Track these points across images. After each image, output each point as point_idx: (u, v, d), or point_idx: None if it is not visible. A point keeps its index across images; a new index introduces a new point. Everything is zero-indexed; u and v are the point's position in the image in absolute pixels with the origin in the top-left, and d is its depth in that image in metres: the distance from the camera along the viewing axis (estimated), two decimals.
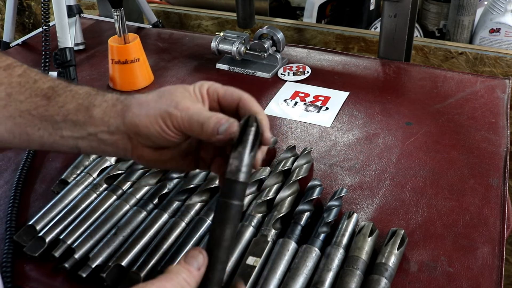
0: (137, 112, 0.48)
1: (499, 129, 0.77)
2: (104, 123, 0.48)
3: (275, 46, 0.99)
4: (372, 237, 0.56)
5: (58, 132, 0.49)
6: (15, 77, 0.49)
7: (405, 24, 0.94)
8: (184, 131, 0.47)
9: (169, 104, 0.47)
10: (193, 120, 0.46)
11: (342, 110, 0.85)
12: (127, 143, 0.49)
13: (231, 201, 0.44)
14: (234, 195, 0.44)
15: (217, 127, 0.45)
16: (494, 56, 1.09)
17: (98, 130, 0.49)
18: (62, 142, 0.49)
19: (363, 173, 0.69)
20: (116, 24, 0.91)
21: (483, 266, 0.55)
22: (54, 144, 0.50)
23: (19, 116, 0.48)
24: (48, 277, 0.56)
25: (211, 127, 0.45)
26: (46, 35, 0.89)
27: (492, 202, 0.63)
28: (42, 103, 0.49)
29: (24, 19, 1.66)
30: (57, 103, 0.49)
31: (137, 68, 0.94)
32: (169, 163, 0.51)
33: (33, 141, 0.49)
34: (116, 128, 0.48)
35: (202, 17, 1.39)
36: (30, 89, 0.49)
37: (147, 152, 0.49)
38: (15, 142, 0.50)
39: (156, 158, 0.50)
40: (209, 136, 0.46)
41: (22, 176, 0.70)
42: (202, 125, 0.46)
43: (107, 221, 0.60)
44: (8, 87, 0.49)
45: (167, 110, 0.47)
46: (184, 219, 0.60)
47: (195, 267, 0.42)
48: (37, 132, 0.49)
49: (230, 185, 0.44)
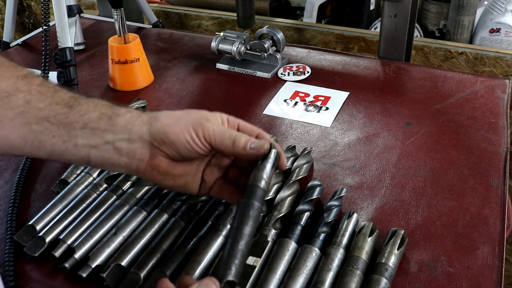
0: (167, 122, 0.51)
1: (499, 129, 0.77)
2: (126, 130, 0.50)
3: (275, 46, 0.99)
4: (372, 237, 0.56)
5: (73, 140, 0.49)
6: (34, 85, 0.50)
7: (405, 24, 0.94)
8: (213, 144, 0.51)
9: (200, 117, 0.51)
10: (225, 135, 0.51)
11: (342, 110, 0.85)
12: (146, 153, 0.51)
13: (252, 201, 0.49)
14: (255, 197, 0.49)
15: (249, 143, 0.51)
16: (494, 56, 1.09)
17: (117, 137, 0.50)
18: (74, 151, 0.50)
19: (363, 173, 0.69)
20: (116, 24, 0.91)
21: (483, 266, 0.55)
22: (65, 152, 0.50)
23: (35, 123, 0.49)
24: (48, 277, 0.56)
25: (243, 142, 0.51)
26: (46, 35, 0.89)
27: (492, 202, 0.63)
28: (63, 111, 0.49)
29: (24, 19, 1.66)
30: (79, 111, 0.50)
31: (137, 68, 0.94)
32: (178, 179, 0.53)
33: (44, 149, 0.50)
34: (139, 136, 0.50)
35: (202, 17, 1.39)
36: (50, 98, 0.50)
37: (164, 163, 0.51)
38: (25, 149, 0.50)
39: (169, 171, 0.52)
40: (241, 150, 0.51)
41: (22, 176, 0.70)
42: (234, 140, 0.51)
43: (107, 221, 0.60)
44: (27, 94, 0.49)
45: (200, 121, 0.51)
46: (184, 219, 0.60)
47: None
48: (51, 140, 0.49)
49: (252, 189, 0.50)
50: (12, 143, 0.49)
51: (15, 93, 0.48)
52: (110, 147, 0.50)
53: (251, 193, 0.49)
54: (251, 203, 0.48)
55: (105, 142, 0.50)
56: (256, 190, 0.49)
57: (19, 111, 0.48)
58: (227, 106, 0.88)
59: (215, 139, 0.51)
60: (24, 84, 0.49)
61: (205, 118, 0.51)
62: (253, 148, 0.51)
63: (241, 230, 0.46)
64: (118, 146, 0.50)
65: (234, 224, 0.47)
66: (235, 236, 0.46)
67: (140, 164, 0.51)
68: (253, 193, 0.49)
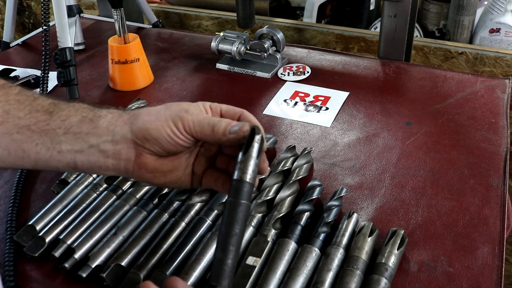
0: (147, 118, 0.50)
1: (499, 129, 0.77)
2: (109, 132, 0.49)
3: (275, 46, 0.99)
4: (372, 237, 0.56)
5: (57, 147, 0.49)
6: (12, 95, 0.49)
7: (405, 24, 0.94)
8: (194, 133, 0.50)
9: (179, 110, 0.50)
10: (204, 123, 0.50)
11: (342, 110, 0.85)
12: (131, 152, 0.50)
13: (239, 200, 0.46)
14: (241, 194, 0.47)
15: (228, 128, 0.49)
16: (494, 56, 1.09)
17: (101, 140, 0.49)
18: (59, 157, 0.49)
19: (363, 173, 0.69)
20: (116, 24, 0.91)
21: (483, 266, 0.55)
22: (50, 160, 0.49)
23: (16, 133, 0.48)
24: (48, 277, 0.56)
25: (223, 128, 0.49)
26: (46, 35, 0.89)
27: (492, 202, 0.63)
28: (43, 118, 0.49)
29: (24, 19, 1.66)
30: (60, 117, 0.49)
31: (137, 68, 0.94)
32: (169, 175, 0.53)
33: (28, 158, 0.49)
34: (122, 137, 0.50)
35: (202, 17, 1.39)
36: (29, 106, 0.49)
37: (151, 160, 0.51)
38: (8, 160, 0.49)
39: (158, 168, 0.51)
40: (220, 136, 0.49)
41: (22, 176, 0.70)
42: (213, 126, 0.50)
43: (107, 221, 0.60)
44: (6, 104, 0.49)
45: (178, 114, 0.50)
46: (184, 219, 0.60)
47: None
48: (34, 148, 0.49)
49: (237, 185, 0.47)
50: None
51: None
52: (95, 150, 0.49)
53: (236, 191, 0.47)
54: (237, 202, 0.46)
55: (89, 146, 0.49)
56: (241, 186, 0.47)
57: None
58: None
59: (195, 129, 0.50)
60: (1, 95, 0.49)
61: (184, 110, 0.50)
62: (233, 132, 0.49)
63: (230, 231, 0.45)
64: (103, 149, 0.49)
65: (222, 226, 0.45)
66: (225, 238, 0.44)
67: (127, 164, 0.51)
68: (238, 190, 0.47)
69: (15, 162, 0.50)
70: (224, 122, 0.50)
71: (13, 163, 0.50)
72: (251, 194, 0.48)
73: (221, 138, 0.50)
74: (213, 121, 0.50)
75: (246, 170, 0.47)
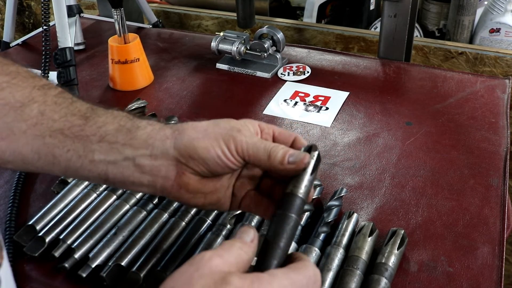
0: (194, 135, 0.46)
1: (499, 129, 0.77)
2: (147, 145, 0.46)
3: (275, 46, 0.99)
4: (372, 237, 0.56)
5: (89, 155, 0.46)
6: (50, 96, 0.47)
7: (405, 24, 0.94)
8: (247, 157, 0.46)
9: (231, 128, 0.46)
10: (259, 147, 0.45)
11: (342, 110, 0.85)
12: (172, 170, 0.46)
13: (289, 213, 0.43)
14: (291, 208, 0.43)
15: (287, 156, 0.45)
16: (494, 56, 1.09)
17: (138, 153, 0.46)
18: (91, 167, 0.46)
19: (363, 173, 0.69)
20: (116, 24, 0.91)
21: (483, 266, 0.55)
22: (81, 169, 0.46)
23: (49, 136, 0.45)
24: (48, 277, 0.56)
25: (280, 156, 0.45)
26: (46, 35, 0.89)
27: (492, 202, 0.63)
28: (78, 123, 0.46)
29: (24, 19, 1.66)
30: (96, 123, 0.46)
31: (137, 68, 0.94)
32: (209, 196, 0.49)
33: (59, 164, 0.46)
34: (162, 152, 0.46)
35: (202, 17, 1.39)
36: (66, 109, 0.47)
37: (193, 180, 0.47)
38: (39, 164, 0.47)
39: (200, 189, 0.47)
40: (277, 164, 0.45)
41: (22, 176, 0.70)
42: (270, 153, 0.45)
43: (107, 221, 0.60)
44: (42, 105, 0.46)
45: (231, 133, 0.45)
46: (184, 219, 0.60)
47: (247, 239, 0.39)
48: (65, 154, 0.46)
49: (289, 199, 0.44)
50: (25, 157, 0.46)
51: (29, 104, 0.46)
52: (130, 164, 0.46)
53: (287, 203, 0.43)
54: (286, 215, 0.43)
55: (124, 158, 0.46)
56: (293, 200, 0.43)
57: (32, 122, 0.45)
58: (227, 106, 0.88)
59: (249, 152, 0.45)
60: (40, 95, 0.46)
61: (236, 129, 0.46)
62: (291, 163, 0.45)
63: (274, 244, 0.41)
64: (139, 163, 0.46)
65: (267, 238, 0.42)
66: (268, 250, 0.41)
67: (165, 183, 0.46)
68: (290, 203, 0.43)
69: (44, 167, 0.47)
70: (282, 150, 0.45)
71: (43, 167, 0.47)
72: (301, 210, 0.44)
73: (277, 166, 0.45)
74: (269, 146, 0.45)
75: (299, 185, 0.44)
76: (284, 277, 0.37)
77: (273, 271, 0.37)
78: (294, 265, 0.39)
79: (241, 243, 0.39)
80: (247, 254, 0.38)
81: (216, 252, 0.37)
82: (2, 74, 0.46)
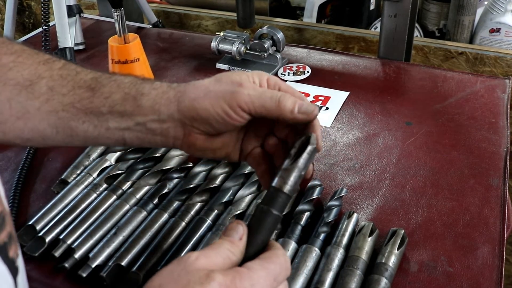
0: (195, 96, 0.46)
1: (499, 129, 0.77)
2: (154, 111, 0.47)
3: (275, 46, 0.99)
4: (372, 237, 0.56)
5: (104, 124, 0.47)
6: (55, 70, 0.48)
7: (405, 24, 0.94)
8: (253, 110, 0.45)
9: (231, 85, 0.45)
10: (265, 97, 0.45)
11: (342, 110, 0.85)
12: (179, 131, 0.48)
13: (271, 209, 0.42)
14: (275, 204, 0.43)
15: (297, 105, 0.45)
16: (494, 56, 1.09)
17: (147, 119, 0.47)
18: (108, 134, 0.48)
19: (363, 173, 0.69)
20: (116, 24, 0.91)
21: (483, 266, 0.55)
22: (100, 137, 0.48)
23: (62, 110, 0.47)
24: (48, 277, 0.56)
25: (290, 104, 0.44)
26: (46, 35, 0.89)
27: (492, 202, 0.63)
28: (86, 95, 0.47)
29: (24, 19, 1.66)
30: (102, 94, 0.47)
31: (137, 68, 0.94)
32: (218, 152, 0.50)
33: (77, 136, 0.48)
34: (168, 116, 0.47)
35: (202, 17, 1.39)
36: (72, 81, 0.48)
37: (200, 140, 0.48)
38: (58, 138, 0.48)
39: (208, 146, 0.49)
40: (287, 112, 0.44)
41: (22, 176, 0.70)
42: (279, 100, 0.45)
43: (107, 221, 0.60)
44: (50, 81, 0.47)
45: (232, 90, 0.45)
46: (184, 219, 0.60)
47: (236, 237, 0.40)
48: (82, 126, 0.47)
49: (274, 194, 0.43)
50: (44, 133, 0.47)
51: (37, 81, 0.47)
52: (143, 128, 0.47)
53: (271, 199, 0.43)
54: (268, 212, 0.42)
55: (136, 124, 0.47)
56: (277, 196, 0.43)
57: (44, 99, 0.47)
58: None
59: (254, 105, 0.45)
60: (46, 70, 0.48)
61: (238, 84, 0.45)
62: (302, 112, 0.44)
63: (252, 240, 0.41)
64: (150, 127, 0.47)
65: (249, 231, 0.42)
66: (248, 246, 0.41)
67: (176, 142, 0.49)
68: (273, 200, 0.43)
69: (64, 140, 0.48)
70: (290, 98, 0.45)
71: (63, 141, 0.48)
72: (285, 207, 0.44)
73: (286, 115, 0.45)
74: (277, 95, 0.45)
75: (288, 181, 0.43)
76: (260, 268, 0.38)
77: (250, 265, 0.39)
78: (268, 254, 0.40)
79: (229, 244, 0.40)
80: (235, 256, 0.39)
81: (204, 253, 0.38)
82: (8, 54, 0.47)
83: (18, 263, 0.38)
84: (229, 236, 0.40)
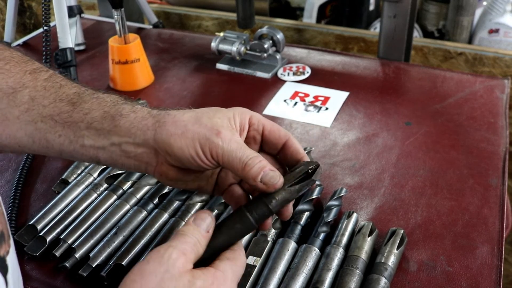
0: (172, 131, 0.46)
1: (498, 129, 0.77)
2: (130, 134, 0.47)
3: (275, 46, 0.99)
4: (372, 236, 0.56)
5: (79, 141, 0.48)
6: (40, 81, 0.49)
7: (404, 25, 0.94)
8: (221, 163, 0.45)
9: (210, 130, 0.45)
10: (235, 156, 0.45)
11: (342, 110, 0.85)
12: (153, 158, 0.48)
13: (249, 215, 0.44)
14: (255, 212, 0.44)
15: (261, 174, 0.44)
16: (493, 57, 1.09)
17: (123, 140, 0.47)
18: (82, 151, 0.48)
19: (362, 173, 0.70)
20: (116, 24, 0.91)
21: (482, 266, 0.55)
22: (74, 152, 0.48)
23: (40, 121, 0.47)
24: (49, 277, 0.56)
25: (254, 171, 0.44)
26: (47, 36, 0.90)
27: (491, 202, 0.63)
28: (66, 109, 0.48)
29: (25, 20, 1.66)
30: (82, 109, 0.48)
31: (138, 68, 0.94)
32: (190, 184, 0.50)
33: (53, 148, 0.48)
34: (143, 141, 0.47)
35: (202, 18, 1.39)
36: (54, 94, 0.48)
37: (172, 172, 0.48)
38: (34, 148, 0.49)
39: (179, 178, 0.49)
40: (249, 179, 0.44)
41: (22, 175, 0.71)
42: (245, 165, 0.44)
43: (108, 220, 0.60)
44: (33, 91, 0.48)
45: (208, 137, 0.45)
46: (184, 219, 0.60)
47: (204, 228, 0.43)
48: (57, 139, 0.48)
49: (259, 203, 0.44)
50: (20, 141, 0.48)
51: (20, 90, 0.47)
52: (117, 149, 0.47)
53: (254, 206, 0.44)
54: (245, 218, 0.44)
55: (111, 144, 0.47)
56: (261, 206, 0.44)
57: (24, 108, 0.47)
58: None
59: (223, 159, 0.45)
60: (30, 80, 0.48)
61: (216, 132, 0.45)
62: (265, 182, 0.44)
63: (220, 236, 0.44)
64: (125, 149, 0.47)
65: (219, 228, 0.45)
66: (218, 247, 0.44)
67: (148, 168, 0.48)
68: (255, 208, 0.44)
69: (40, 150, 0.49)
70: (258, 165, 0.44)
71: (39, 151, 0.49)
72: (263, 220, 0.45)
73: (249, 180, 0.45)
74: (245, 158, 0.44)
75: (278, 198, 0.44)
76: (230, 271, 0.42)
77: (223, 267, 0.42)
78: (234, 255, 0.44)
79: (198, 236, 0.43)
80: (202, 248, 0.43)
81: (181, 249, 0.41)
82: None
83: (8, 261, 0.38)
84: (197, 226, 0.43)
